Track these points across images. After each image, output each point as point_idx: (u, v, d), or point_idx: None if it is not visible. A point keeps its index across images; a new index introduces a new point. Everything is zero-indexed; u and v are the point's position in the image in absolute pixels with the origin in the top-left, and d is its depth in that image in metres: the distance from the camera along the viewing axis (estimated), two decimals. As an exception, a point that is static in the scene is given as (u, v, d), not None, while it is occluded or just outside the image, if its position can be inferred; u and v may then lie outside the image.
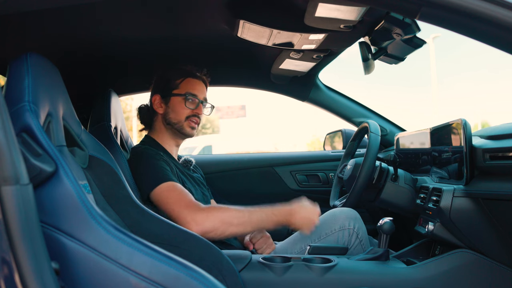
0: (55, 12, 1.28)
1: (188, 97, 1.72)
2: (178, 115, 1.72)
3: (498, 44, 0.96)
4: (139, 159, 1.61)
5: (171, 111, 1.72)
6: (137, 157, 1.63)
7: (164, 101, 1.73)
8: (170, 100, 1.72)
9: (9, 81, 1.00)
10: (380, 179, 1.73)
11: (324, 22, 1.41)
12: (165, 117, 1.73)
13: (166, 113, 1.73)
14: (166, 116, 1.73)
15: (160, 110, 1.73)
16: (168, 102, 1.73)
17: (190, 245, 1.34)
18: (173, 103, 1.72)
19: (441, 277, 1.44)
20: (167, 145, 1.75)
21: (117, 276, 0.87)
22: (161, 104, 1.73)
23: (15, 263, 0.71)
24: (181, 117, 1.72)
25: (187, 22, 1.58)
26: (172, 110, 1.72)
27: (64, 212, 0.89)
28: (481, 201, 1.40)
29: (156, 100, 1.74)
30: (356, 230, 1.65)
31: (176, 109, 1.72)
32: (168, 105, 1.72)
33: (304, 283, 1.40)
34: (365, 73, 1.75)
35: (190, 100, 1.72)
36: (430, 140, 1.70)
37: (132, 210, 1.33)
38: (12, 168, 0.72)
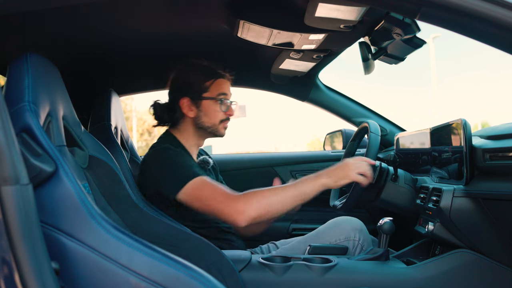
0: (55, 12, 1.28)
1: (220, 99, 1.66)
2: (212, 119, 1.67)
3: (498, 44, 0.96)
4: (163, 158, 1.56)
5: (203, 114, 1.66)
6: (161, 157, 1.57)
7: (195, 105, 1.66)
8: (202, 103, 1.66)
9: (9, 81, 1.00)
10: (380, 179, 1.73)
11: (324, 22, 1.41)
12: (196, 120, 1.67)
13: (198, 117, 1.66)
14: (198, 119, 1.66)
15: (191, 114, 1.66)
16: (199, 106, 1.66)
17: (190, 245, 1.34)
18: (205, 106, 1.66)
19: (441, 277, 1.44)
20: (188, 144, 1.70)
21: (117, 276, 0.87)
22: (191, 108, 1.66)
23: (15, 263, 0.71)
24: (216, 121, 1.67)
25: (187, 22, 1.58)
26: (205, 113, 1.66)
27: (64, 212, 0.89)
28: (481, 201, 1.40)
29: (185, 104, 1.65)
30: (361, 242, 1.64)
31: (209, 113, 1.66)
32: (200, 109, 1.66)
33: (304, 283, 1.40)
34: (365, 73, 1.75)
35: (223, 103, 1.67)
36: (430, 140, 1.70)
37: (132, 210, 1.33)
38: (12, 168, 0.72)
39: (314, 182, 1.46)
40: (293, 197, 1.43)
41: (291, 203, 1.44)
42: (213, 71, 1.69)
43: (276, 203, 1.41)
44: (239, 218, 1.38)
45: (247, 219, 1.38)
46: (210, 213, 1.44)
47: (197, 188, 1.47)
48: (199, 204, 1.46)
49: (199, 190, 1.46)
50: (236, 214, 1.38)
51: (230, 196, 1.42)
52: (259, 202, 1.40)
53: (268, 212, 1.40)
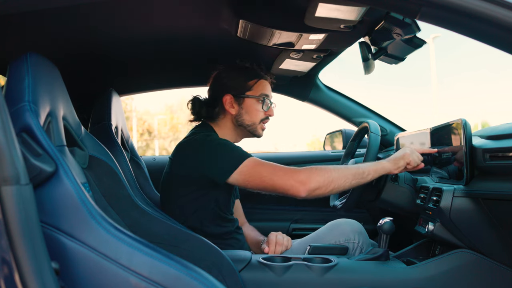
0: (55, 12, 1.28)
1: (264, 99, 1.71)
2: (252, 117, 1.70)
3: (498, 44, 0.96)
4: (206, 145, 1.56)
5: (244, 112, 1.69)
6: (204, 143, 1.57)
7: (237, 102, 1.70)
8: (244, 102, 1.69)
9: (9, 81, 1.00)
10: (380, 179, 1.73)
11: (324, 22, 1.41)
12: (237, 118, 1.70)
13: (239, 114, 1.70)
14: (238, 117, 1.70)
15: (232, 111, 1.69)
16: (241, 103, 1.69)
17: (190, 245, 1.34)
18: (247, 104, 1.69)
19: (441, 277, 1.44)
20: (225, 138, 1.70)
21: (117, 276, 0.87)
22: (233, 105, 1.69)
23: (15, 263, 0.71)
24: (256, 119, 1.70)
25: (187, 22, 1.58)
26: (246, 111, 1.69)
27: (64, 212, 0.89)
28: (481, 201, 1.40)
29: (228, 100, 1.69)
30: (360, 244, 1.65)
31: (250, 111, 1.70)
32: (241, 106, 1.69)
33: (304, 283, 1.40)
34: (365, 73, 1.75)
35: (265, 102, 1.71)
36: (430, 140, 1.70)
37: (132, 210, 1.33)
38: (12, 168, 0.72)
39: (376, 165, 1.53)
40: (354, 175, 1.49)
41: (351, 181, 1.49)
42: (257, 72, 1.74)
43: (337, 178, 1.46)
44: (301, 188, 1.42)
45: (308, 189, 1.43)
46: (269, 188, 1.47)
47: (252, 167, 1.49)
48: (256, 182, 1.48)
49: (257, 168, 1.48)
50: (298, 184, 1.42)
51: (291, 169, 1.47)
52: (321, 174, 1.45)
53: (329, 185, 1.45)
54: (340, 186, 1.47)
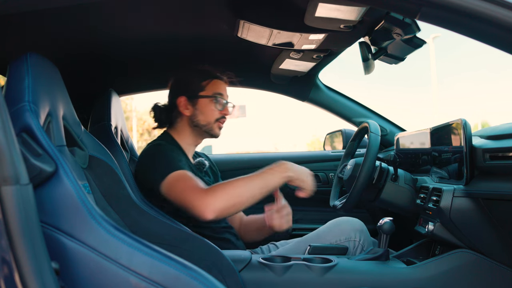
0: (55, 12, 1.28)
1: (217, 98, 1.72)
2: (207, 117, 1.71)
3: (498, 44, 0.96)
4: (155, 152, 1.61)
5: (199, 113, 1.71)
6: (154, 151, 1.63)
7: (191, 103, 1.72)
8: (198, 102, 1.71)
9: (9, 81, 1.00)
10: (380, 179, 1.73)
11: (324, 22, 1.41)
12: (192, 119, 1.72)
13: (193, 115, 1.71)
14: (193, 118, 1.72)
15: (187, 112, 1.72)
16: (195, 104, 1.71)
17: (190, 245, 1.34)
18: (201, 105, 1.71)
19: (441, 277, 1.44)
20: (185, 144, 1.74)
21: (117, 276, 0.87)
22: (187, 106, 1.71)
23: (15, 263, 0.71)
24: (211, 119, 1.72)
25: (187, 22, 1.58)
26: (201, 112, 1.71)
27: (64, 212, 0.89)
28: (481, 201, 1.40)
29: (182, 102, 1.71)
30: (361, 242, 1.65)
31: (205, 111, 1.71)
32: (195, 107, 1.71)
33: (304, 283, 1.40)
34: (365, 73, 1.75)
35: (219, 101, 1.72)
36: (430, 140, 1.70)
37: (132, 210, 1.33)
38: (12, 168, 0.72)
39: (280, 174, 1.49)
40: (260, 188, 1.46)
41: (258, 195, 1.46)
42: (210, 72, 1.75)
43: (243, 196, 1.43)
44: (206, 211, 1.39)
45: (213, 211, 1.39)
46: (183, 206, 1.46)
47: (175, 180, 1.50)
48: (174, 196, 1.49)
49: (176, 183, 1.49)
50: (203, 207, 1.40)
51: (199, 190, 1.44)
52: (226, 194, 1.42)
53: (236, 204, 1.42)
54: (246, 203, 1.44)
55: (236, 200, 1.42)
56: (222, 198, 1.41)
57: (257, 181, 1.46)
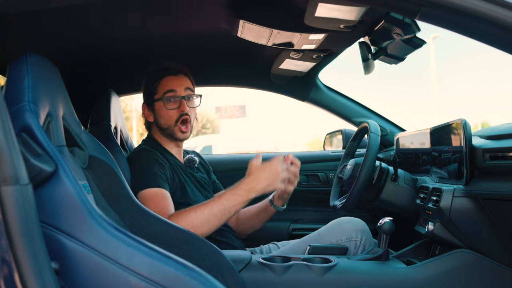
0: (55, 12, 1.28)
1: (167, 97, 1.66)
2: (166, 120, 1.68)
3: (498, 44, 0.96)
4: (136, 160, 1.62)
5: (159, 117, 1.69)
6: (136, 158, 1.64)
7: (150, 109, 1.71)
8: (155, 107, 1.69)
9: (9, 81, 1.00)
10: (380, 179, 1.73)
11: (324, 22, 1.41)
12: (157, 124, 1.71)
13: (156, 120, 1.71)
14: (157, 123, 1.71)
15: (150, 118, 1.72)
16: (153, 109, 1.70)
17: (190, 245, 1.34)
18: (157, 109, 1.69)
19: (441, 277, 1.44)
20: (167, 146, 1.74)
21: (117, 276, 0.87)
22: (149, 113, 1.72)
23: (15, 263, 0.71)
24: (170, 122, 1.67)
25: (187, 22, 1.58)
26: (160, 116, 1.69)
27: (64, 212, 0.89)
28: (481, 201, 1.40)
29: (145, 110, 1.73)
30: (363, 242, 1.65)
31: (162, 115, 1.68)
32: (155, 112, 1.70)
33: (304, 283, 1.40)
34: (365, 73, 1.75)
35: (171, 100, 1.66)
36: (430, 140, 1.70)
37: (132, 210, 1.33)
38: (12, 168, 0.72)
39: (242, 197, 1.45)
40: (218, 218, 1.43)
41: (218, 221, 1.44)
42: (159, 71, 1.69)
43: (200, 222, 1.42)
44: None
45: None
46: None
47: (149, 198, 1.50)
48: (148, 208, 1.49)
49: (150, 200, 1.49)
50: None
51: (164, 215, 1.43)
52: (186, 220, 1.41)
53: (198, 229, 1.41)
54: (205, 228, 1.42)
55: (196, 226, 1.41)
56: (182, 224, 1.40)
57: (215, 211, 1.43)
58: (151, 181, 1.53)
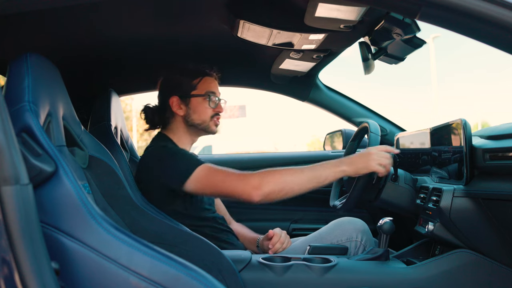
0: (55, 12, 1.28)
1: (210, 97, 1.71)
2: (201, 116, 1.71)
3: (498, 44, 0.96)
4: (163, 156, 1.59)
5: (193, 112, 1.70)
6: (159, 155, 1.61)
7: (184, 103, 1.71)
8: (191, 102, 1.70)
9: (9, 81, 1.00)
10: (380, 179, 1.73)
11: (324, 22, 1.41)
12: (186, 118, 1.71)
13: (187, 115, 1.70)
14: (188, 117, 1.70)
15: (180, 112, 1.71)
16: (188, 104, 1.70)
17: (190, 245, 1.34)
18: (194, 104, 1.70)
19: (441, 277, 1.44)
20: (181, 143, 1.72)
21: (117, 276, 0.87)
22: (180, 106, 1.70)
23: (15, 263, 0.71)
24: (205, 117, 1.71)
25: (187, 22, 1.58)
26: (194, 111, 1.70)
27: (64, 212, 0.89)
28: (481, 201, 1.40)
29: (175, 102, 1.70)
30: (363, 243, 1.65)
31: (198, 110, 1.70)
32: (189, 106, 1.70)
33: (304, 283, 1.40)
34: (365, 73, 1.75)
35: (212, 99, 1.71)
36: (430, 140, 1.70)
37: (132, 210, 1.33)
38: (12, 168, 0.72)
39: (334, 168, 1.48)
40: (309, 179, 1.45)
41: (307, 184, 1.45)
42: (200, 70, 1.74)
43: (291, 182, 1.44)
44: (254, 193, 1.41)
45: (262, 194, 1.41)
46: (224, 194, 1.48)
47: (206, 173, 1.50)
48: (211, 189, 1.50)
49: (210, 175, 1.49)
50: (251, 189, 1.42)
51: (243, 174, 1.46)
52: (275, 178, 1.43)
53: (283, 190, 1.43)
54: (294, 190, 1.44)
55: (283, 186, 1.43)
56: (269, 182, 1.42)
57: (307, 173, 1.46)
58: (193, 162, 1.53)
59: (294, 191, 1.44)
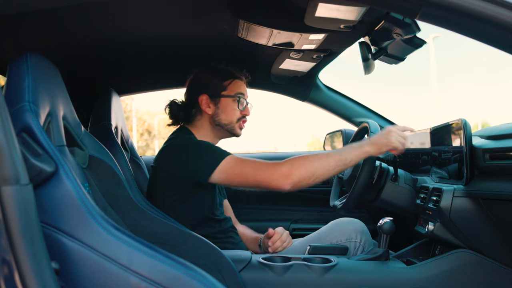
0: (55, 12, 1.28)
1: (240, 99, 1.72)
2: (229, 116, 1.71)
3: (498, 44, 0.96)
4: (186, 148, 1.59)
5: (221, 112, 1.71)
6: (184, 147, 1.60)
7: (213, 102, 1.71)
8: (220, 102, 1.71)
9: (9, 81, 1.00)
10: (380, 179, 1.73)
11: (324, 22, 1.41)
12: (214, 117, 1.71)
13: (215, 114, 1.71)
14: (215, 117, 1.71)
15: (209, 111, 1.71)
16: (218, 103, 1.71)
17: (190, 245, 1.34)
18: (223, 104, 1.71)
19: (441, 277, 1.44)
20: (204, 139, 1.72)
21: (117, 276, 0.87)
22: (209, 105, 1.71)
23: (15, 263, 0.71)
24: (233, 119, 1.71)
25: (187, 22, 1.58)
26: (223, 111, 1.71)
27: (64, 212, 0.89)
28: (481, 201, 1.40)
29: (204, 100, 1.70)
30: (362, 243, 1.65)
31: (227, 111, 1.71)
32: (217, 106, 1.70)
33: (304, 283, 1.40)
34: (365, 73, 1.75)
35: (241, 102, 1.72)
36: (430, 140, 1.70)
37: (132, 210, 1.33)
38: (12, 168, 0.72)
39: (358, 149, 1.50)
40: (336, 162, 1.46)
41: (335, 167, 1.46)
42: (231, 72, 1.76)
43: (320, 167, 1.44)
44: (285, 182, 1.42)
45: (292, 182, 1.42)
46: (252, 184, 1.48)
47: (234, 164, 1.49)
48: (239, 178, 1.49)
49: (237, 166, 1.49)
50: (281, 178, 1.42)
51: (273, 163, 1.46)
52: (304, 165, 1.43)
53: (313, 175, 1.43)
54: (324, 175, 1.45)
55: (313, 171, 1.43)
56: (299, 169, 1.42)
57: (333, 156, 1.47)
58: (220, 153, 1.52)
59: (323, 176, 1.45)
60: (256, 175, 1.45)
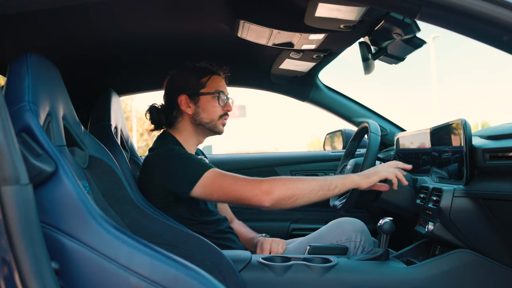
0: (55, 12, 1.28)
1: (220, 95, 1.69)
2: (210, 115, 1.68)
3: (498, 44, 0.96)
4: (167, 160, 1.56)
5: (202, 111, 1.68)
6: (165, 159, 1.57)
7: (193, 101, 1.68)
8: (200, 100, 1.68)
9: (9, 81, 1.00)
10: (380, 179, 1.73)
11: (324, 22, 1.41)
12: (195, 117, 1.68)
13: (196, 114, 1.68)
14: (196, 116, 1.68)
15: (189, 111, 1.68)
16: (197, 102, 1.68)
17: (190, 245, 1.35)
18: (203, 102, 1.68)
19: (441, 277, 1.44)
20: (188, 144, 1.70)
21: (117, 276, 0.87)
22: (189, 105, 1.67)
23: (15, 263, 0.71)
24: (214, 116, 1.69)
25: (187, 22, 1.59)
26: (203, 109, 1.68)
27: (64, 212, 0.89)
28: (481, 201, 1.40)
29: (183, 101, 1.67)
30: (362, 243, 1.65)
31: (207, 109, 1.68)
32: (198, 105, 1.68)
33: (304, 283, 1.40)
34: (365, 73, 1.75)
35: (221, 98, 1.69)
36: (430, 140, 1.70)
37: (132, 210, 1.33)
38: (12, 168, 0.72)
39: (346, 178, 1.49)
40: (320, 187, 1.44)
41: (318, 191, 1.44)
42: (208, 69, 1.72)
43: (302, 189, 1.42)
44: (265, 199, 1.40)
45: (272, 199, 1.40)
46: (232, 199, 1.45)
47: (214, 179, 1.47)
48: (219, 193, 1.46)
49: (218, 180, 1.46)
50: (262, 194, 1.40)
51: (254, 179, 1.44)
52: (286, 184, 1.42)
53: (293, 196, 1.41)
54: (305, 197, 1.43)
55: (293, 191, 1.41)
56: (281, 187, 1.40)
57: (318, 181, 1.45)
58: (202, 167, 1.49)
59: (304, 198, 1.43)
60: (236, 190, 1.43)
